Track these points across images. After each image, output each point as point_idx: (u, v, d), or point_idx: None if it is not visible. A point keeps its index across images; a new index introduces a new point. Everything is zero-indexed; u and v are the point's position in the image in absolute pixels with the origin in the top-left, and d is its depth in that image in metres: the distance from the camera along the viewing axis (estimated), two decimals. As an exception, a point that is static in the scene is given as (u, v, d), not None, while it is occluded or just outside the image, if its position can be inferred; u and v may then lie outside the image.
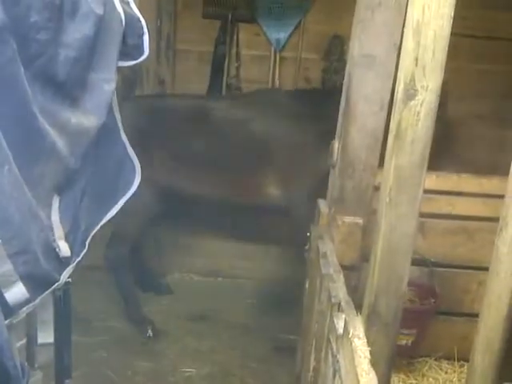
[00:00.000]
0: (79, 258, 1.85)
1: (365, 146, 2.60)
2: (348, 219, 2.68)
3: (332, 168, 2.86)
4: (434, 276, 3.15)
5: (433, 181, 3.04)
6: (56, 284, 1.74)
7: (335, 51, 4.35)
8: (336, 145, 2.80)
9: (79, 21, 1.68)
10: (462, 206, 3.11)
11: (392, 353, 1.84)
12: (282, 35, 4.39)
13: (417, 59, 1.54)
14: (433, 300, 3.14)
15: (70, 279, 1.82)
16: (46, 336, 1.92)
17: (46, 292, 1.72)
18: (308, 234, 3.08)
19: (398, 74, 1.63)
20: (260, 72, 4.50)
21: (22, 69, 1.49)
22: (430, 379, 3.20)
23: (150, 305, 4.26)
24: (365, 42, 2.53)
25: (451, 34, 1.62)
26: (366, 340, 1.75)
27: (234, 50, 4.47)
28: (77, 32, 1.69)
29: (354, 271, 2.70)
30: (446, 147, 3.65)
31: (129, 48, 1.95)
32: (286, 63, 4.48)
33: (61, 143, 1.70)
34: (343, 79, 2.75)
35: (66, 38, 1.66)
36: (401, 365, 3.24)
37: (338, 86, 4.28)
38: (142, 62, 2.05)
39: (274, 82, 4.47)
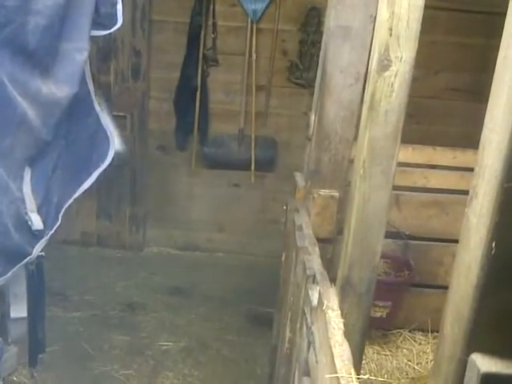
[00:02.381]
0: (52, 231, 1.83)
1: (340, 119, 2.60)
2: (324, 192, 2.69)
3: (308, 141, 2.86)
4: (408, 248, 3.19)
5: (408, 153, 3.07)
6: (28, 257, 1.73)
7: (312, 23, 4.31)
8: (312, 117, 2.80)
9: (48, -13, 1.64)
10: (437, 179, 3.14)
11: (366, 324, 1.86)
12: (259, 6, 4.33)
13: (391, 29, 1.54)
14: (407, 272, 3.18)
15: (42, 253, 1.81)
16: (19, 310, 1.91)
17: (19, 265, 1.70)
18: (285, 206, 3.09)
19: (373, 44, 1.62)
20: (236, 43, 4.45)
21: (-11, 36, 1.46)
22: (405, 351, 3.25)
23: (127, 279, 4.26)
24: (341, 12, 2.51)
25: (428, 6, 1.62)
26: (339, 312, 1.77)
27: (210, 21, 4.41)
28: (46, -1, 1.65)
29: (329, 244, 2.71)
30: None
31: (102, 17, 1.92)
32: (262, 35, 4.43)
33: (32, 113, 1.67)
34: (320, 51, 2.73)
35: (35, 5, 1.63)
36: (375, 337, 3.29)
37: (314, 58, 4.29)
38: (116, 33, 2.01)
39: (251, 53, 4.43)
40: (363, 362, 2.81)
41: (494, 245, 0.96)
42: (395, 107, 1.62)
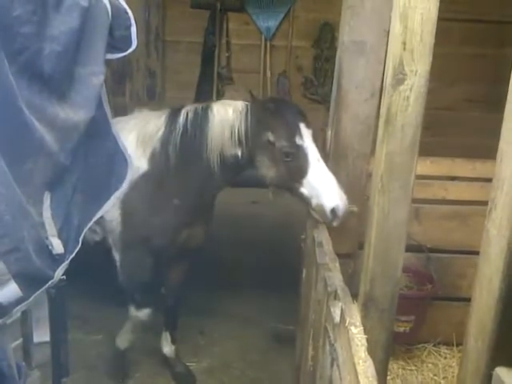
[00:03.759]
0: (73, 255, 1.84)
1: (357, 134, 2.60)
2: (343, 207, 2.67)
3: (325, 156, 2.86)
4: (430, 262, 3.16)
5: (426, 166, 3.05)
6: (50, 282, 1.74)
7: (326, 38, 4.33)
8: (328, 133, 2.80)
9: (64, 13, 1.66)
10: (457, 191, 3.12)
11: (389, 340, 1.84)
12: (272, 23, 4.37)
13: (405, 43, 1.54)
14: (430, 286, 3.15)
15: (64, 276, 1.82)
16: (42, 335, 1.91)
17: (40, 290, 1.71)
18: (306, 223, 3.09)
19: (387, 58, 1.63)
20: (251, 61, 4.49)
21: (7, 63, 1.48)
22: (430, 365, 3.21)
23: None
24: (355, 28, 2.52)
25: (441, 18, 1.62)
26: (362, 328, 1.75)
27: (223, 40, 4.45)
28: (62, 25, 1.67)
29: (350, 259, 2.70)
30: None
31: (116, 40, 1.93)
32: (276, 52, 4.46)
33: (50, 138, 1.69)
34: (334, 67, 2.74)
35: (50, 31, 1.65)
36: (400, 352, 3.25)
37: (329, 74, 4.31)
38: (131, 55, 2.03)
39: (266, 71, 4.45)
40: (388, 377, 2.78)
41: (516, 257, 0.95)
42: (411, 121, 1.61)
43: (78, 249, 1.83)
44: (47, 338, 1.89)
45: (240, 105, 2.85)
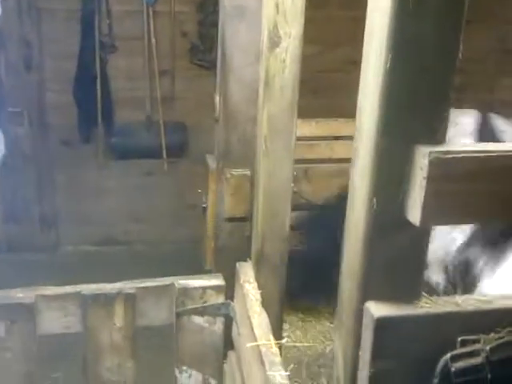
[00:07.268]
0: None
1: (245, 98, 2.67)
2: (236, 172, 2.76)
3: (216, 122, 2.93)
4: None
5: (312, 127, 3.20)
6: None
7: (209, 3, 4.35)
8: (217, 98, 2.87)
9: None
10: (342, 149, 3.29)
11: (283, 293, 1.98)
12: (153, -13, 4.33)
13: (277, 6, 1.63)
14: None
15: None
16: None
17: None
18: (199, 190, 3.16)
19: (262, 22, 1.71)
20: (134, 28, 4.43)
21: None
22: (326, 314, 3.42)
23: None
24: (234, -9, 2.58)
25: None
26: (256, 284, 1.88)
27: (103, 7, 4.35)
28: None
29: (246, 222, 2.81)
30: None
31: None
32: (160, 18, 4.43)
33: None
34: (219, 31, 2.79)
35: None
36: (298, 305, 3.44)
37: (215, 39, 4.34)
38: (3, 25, 1.99)
39: (150, 37, 4.42)
40: (289, 330, 2.96)
41: (374, 201, 1.07)
42: (289, 83, 1.71)
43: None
44: None
45: None
